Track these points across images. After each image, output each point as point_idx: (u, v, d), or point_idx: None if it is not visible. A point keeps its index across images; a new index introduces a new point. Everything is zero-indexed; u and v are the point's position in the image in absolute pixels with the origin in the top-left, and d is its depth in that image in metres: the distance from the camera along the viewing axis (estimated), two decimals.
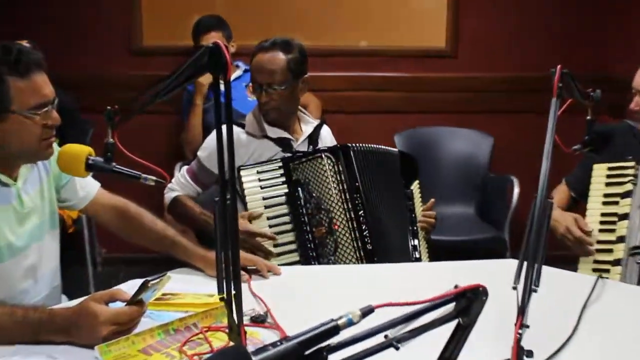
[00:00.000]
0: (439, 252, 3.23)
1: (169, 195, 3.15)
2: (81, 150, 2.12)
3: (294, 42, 3.08)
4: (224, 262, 1.53)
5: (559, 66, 1.95)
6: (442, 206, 4.18)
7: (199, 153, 3.14)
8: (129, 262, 5.03)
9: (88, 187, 2.65)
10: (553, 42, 5.37)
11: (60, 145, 2.28)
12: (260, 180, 2.92)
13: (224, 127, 1.51)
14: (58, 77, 2.37)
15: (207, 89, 4.67)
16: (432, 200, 3.16)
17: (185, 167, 3.18)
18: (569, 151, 2.17)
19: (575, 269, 2.98)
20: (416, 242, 3.05)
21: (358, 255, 2.90)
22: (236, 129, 2.97)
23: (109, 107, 1.99)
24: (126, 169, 2.10)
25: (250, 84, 3.06)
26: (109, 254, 5.34)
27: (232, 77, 4.53)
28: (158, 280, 2.07)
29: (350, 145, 2.96)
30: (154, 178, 2.05)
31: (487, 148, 5.19)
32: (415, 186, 3.16)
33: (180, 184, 3.16)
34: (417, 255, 3.06)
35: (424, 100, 5.37)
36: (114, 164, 2.08)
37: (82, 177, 2.33)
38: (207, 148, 3.13)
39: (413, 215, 3.10)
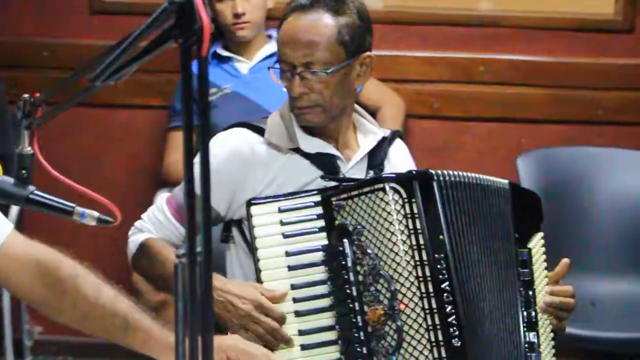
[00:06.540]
0: (585, 357, 3.55)
1: (135, 239, 2.84)
2: None
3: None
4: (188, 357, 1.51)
5: None
6: (594, 280, 4.15)
7: None
8: (78, 349, 4.64)
9: None
10: None
11: None
12: (282, 223, 2.68)
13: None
14: None
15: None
16: (565, 261, 2.86)
17: (165, 196, 2.92)
18: None
19: None
20: (533, 337, 2.75)
21: (436, 355, 2.54)
22: (250, 137, 2.78)
23: (25, 95, 1.87)
24: (50, 197, 1.89)
25: (277, 66, 2.80)
26: (46, 335, 4.72)
27: (263, 53, 4.19)
28: None
29: (432, 172, 2.67)
30: (97, 214, 1.85)
31: None
32: (536, 243, 2.85)
33: (154, 221, 2.83)
34: None
35: (572, 100, 4.65)
36: (31, 187, 1.89)
37: None
38: None
39: (530, 292, 2.79)
